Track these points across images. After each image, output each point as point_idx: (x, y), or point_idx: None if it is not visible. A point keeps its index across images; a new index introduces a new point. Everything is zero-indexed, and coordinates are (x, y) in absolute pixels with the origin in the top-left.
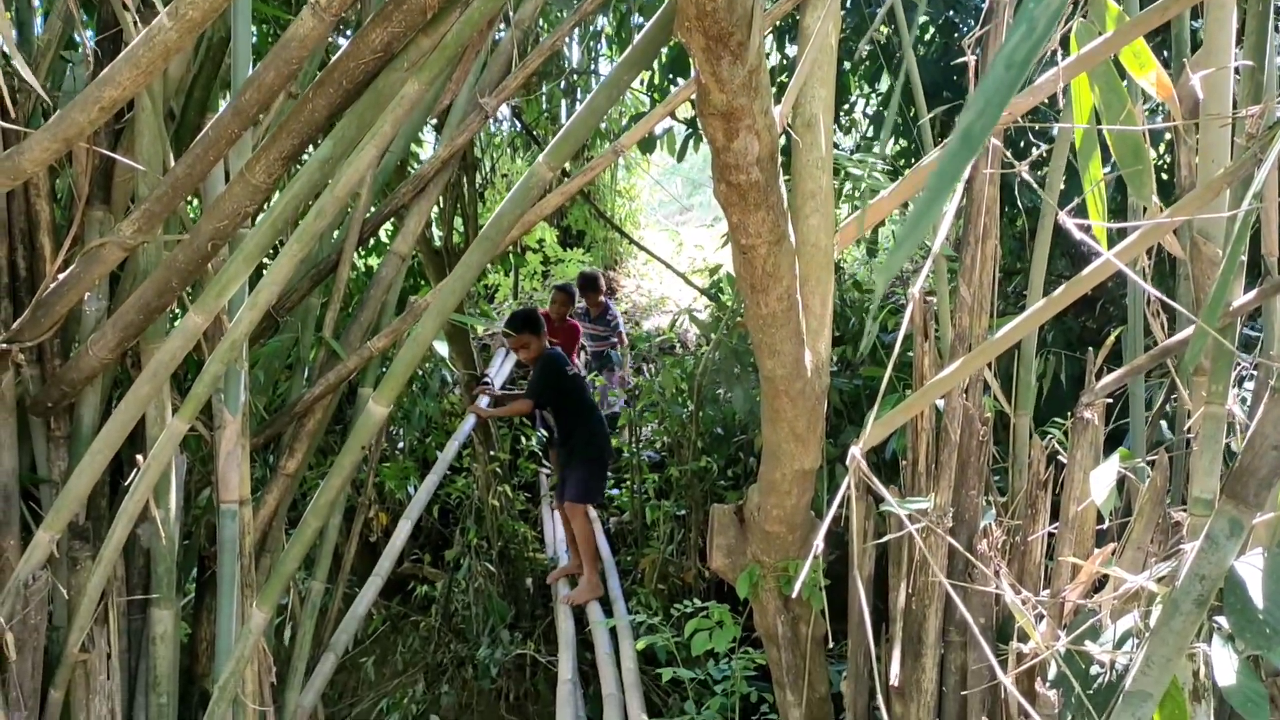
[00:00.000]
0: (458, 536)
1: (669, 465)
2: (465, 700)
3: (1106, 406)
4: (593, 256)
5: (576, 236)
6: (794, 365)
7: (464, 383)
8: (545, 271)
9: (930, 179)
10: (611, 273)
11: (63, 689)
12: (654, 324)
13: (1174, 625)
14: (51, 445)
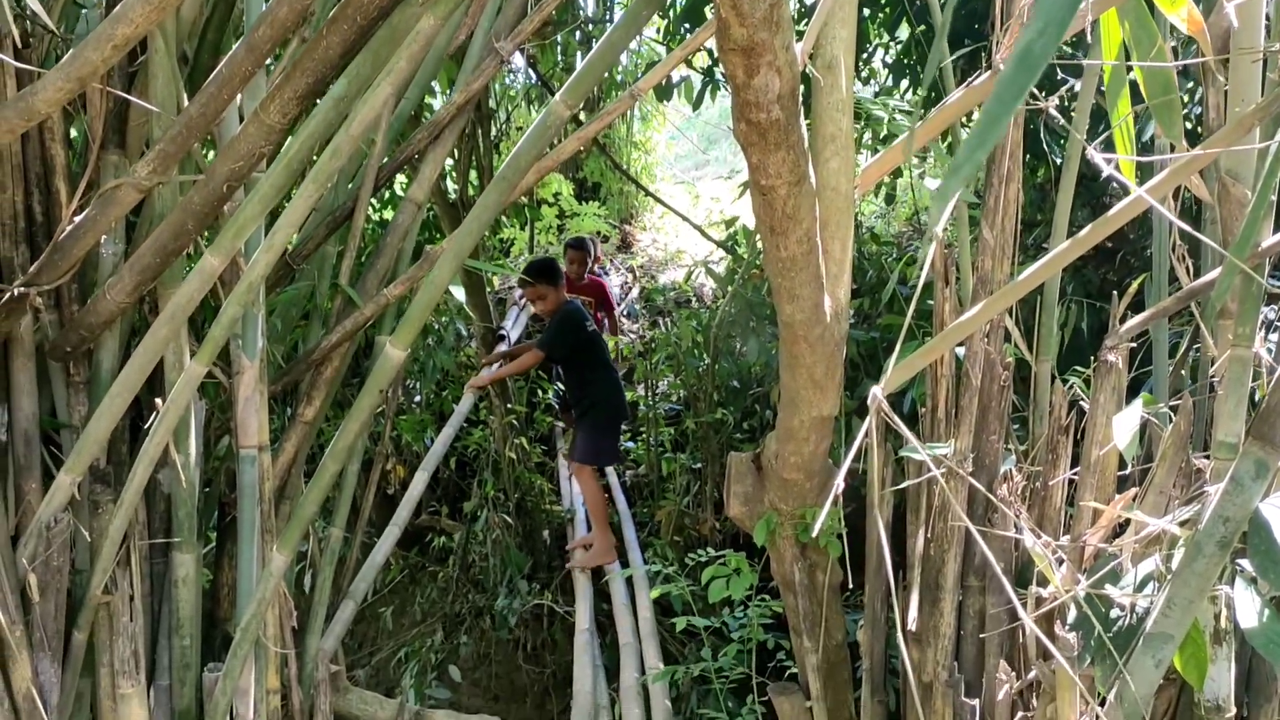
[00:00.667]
0: (475, 489)
1: (685, 418)
2: (483, 650)
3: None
4: (608, 209)
5: (592, 189)
6: (813, 310)
7: (480, 335)
8: (561, 225)
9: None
10: (627, 226)
11: (86, 630)
12: (670, 278)
13: (1196, 567)
14: (71, 390)
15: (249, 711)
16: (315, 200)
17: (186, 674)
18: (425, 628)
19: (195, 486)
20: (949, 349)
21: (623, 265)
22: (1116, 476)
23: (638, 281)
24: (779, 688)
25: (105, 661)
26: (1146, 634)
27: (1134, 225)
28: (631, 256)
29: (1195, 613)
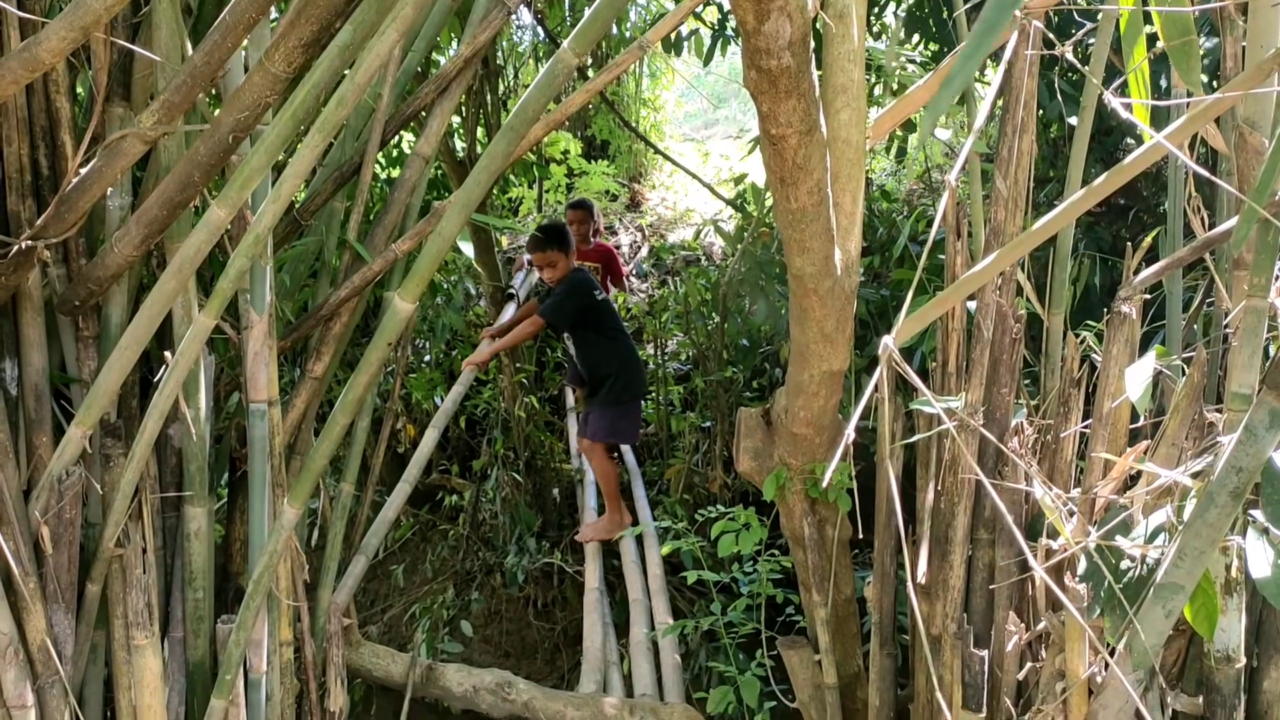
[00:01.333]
0: (484, 447)
1: (694, 376)
2: (494, 607)
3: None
4: (617, 168)
5: (601, 148)
6: (823, 263)
7: (489, 294)
8: (570, 184)
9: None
10: (636, 185)
11: (100, 583)
12: (679, 236)
13: (1208, 518)
14: (81, 345)
15: (262, 663)
16: (322, 151)
17: (200, 626)
18: (436, 585)
19: (206, 441)
20: (960, 301)
21: (632, 224)
22: (1129, 429)
23: (647, 240)
24: (788, 641)
25: (119, 614)
26: (1157, 584)
27: (1148, 182)
28: (641, 215)
29: (1206, 563)
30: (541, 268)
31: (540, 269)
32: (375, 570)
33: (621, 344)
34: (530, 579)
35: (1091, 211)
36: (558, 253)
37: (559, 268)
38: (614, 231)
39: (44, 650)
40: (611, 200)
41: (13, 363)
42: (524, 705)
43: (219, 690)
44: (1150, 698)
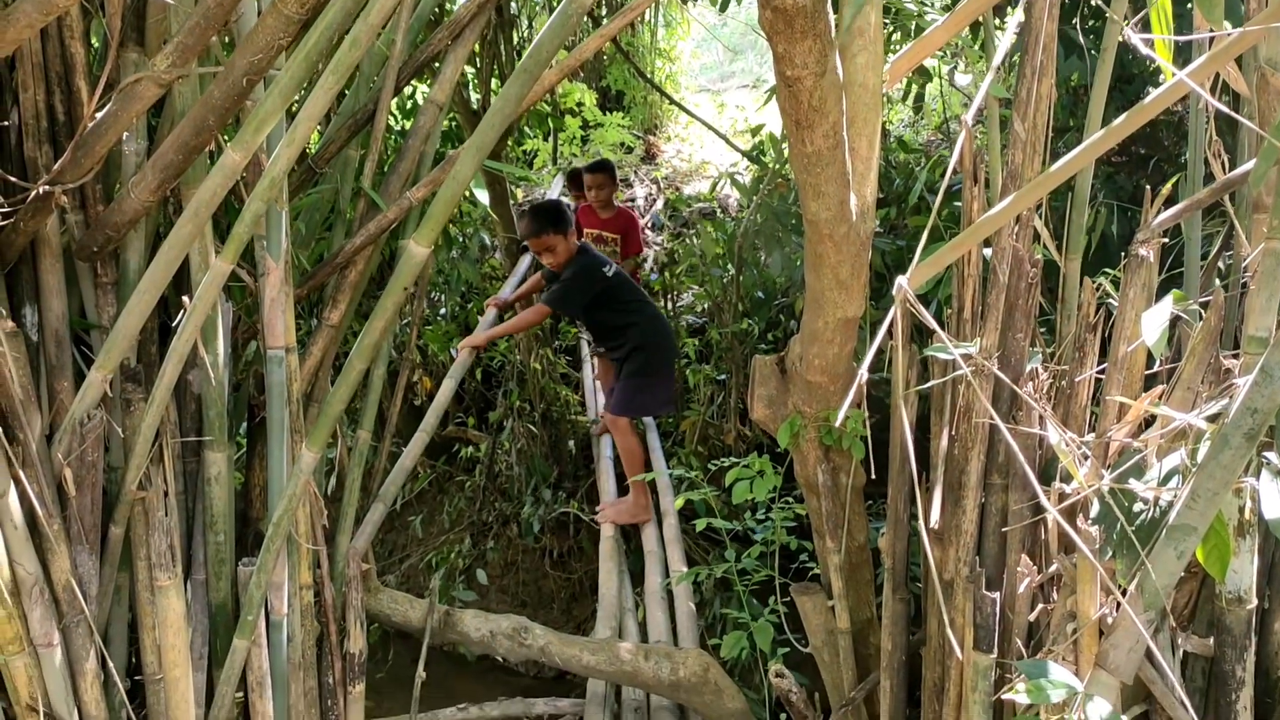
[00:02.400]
0: (500, 399)
1: (709, 329)
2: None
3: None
4: (632, 120)
5: (616, 99)
6: (838, 208)
7: (504, 247)
8: (585, 136)
9: None
10: (651, 137)
11: (123, 525)
12: (695, 189)
13: (1222, 459)
14: (99, 291)
15: (283, 605)
16: (336, 93)
17: (222, 569)
18: (453, 535)
19: (224, 387)
20: (975, 245)
21: (647, 177)
22: (1144, 375)
23: (662, 193)
24: (801, 587)
25: (142, 555)
26: (1170, 526)
27: (1170, 132)
28: (656, 168)
29: (1219, 505)
30: (539, 253)
31: (538, 254)
32: (394, 521)
33: (642, 315)
34: (546, 529)
35: (1112, 161)
36: (555, 235)
37: (559, 251)
38: (629, 184)
39: (69, 590)
40: (627, 153)
41: (33, 309)
42: (540, 650)
43: (241, 631)
44: (1161, 638)
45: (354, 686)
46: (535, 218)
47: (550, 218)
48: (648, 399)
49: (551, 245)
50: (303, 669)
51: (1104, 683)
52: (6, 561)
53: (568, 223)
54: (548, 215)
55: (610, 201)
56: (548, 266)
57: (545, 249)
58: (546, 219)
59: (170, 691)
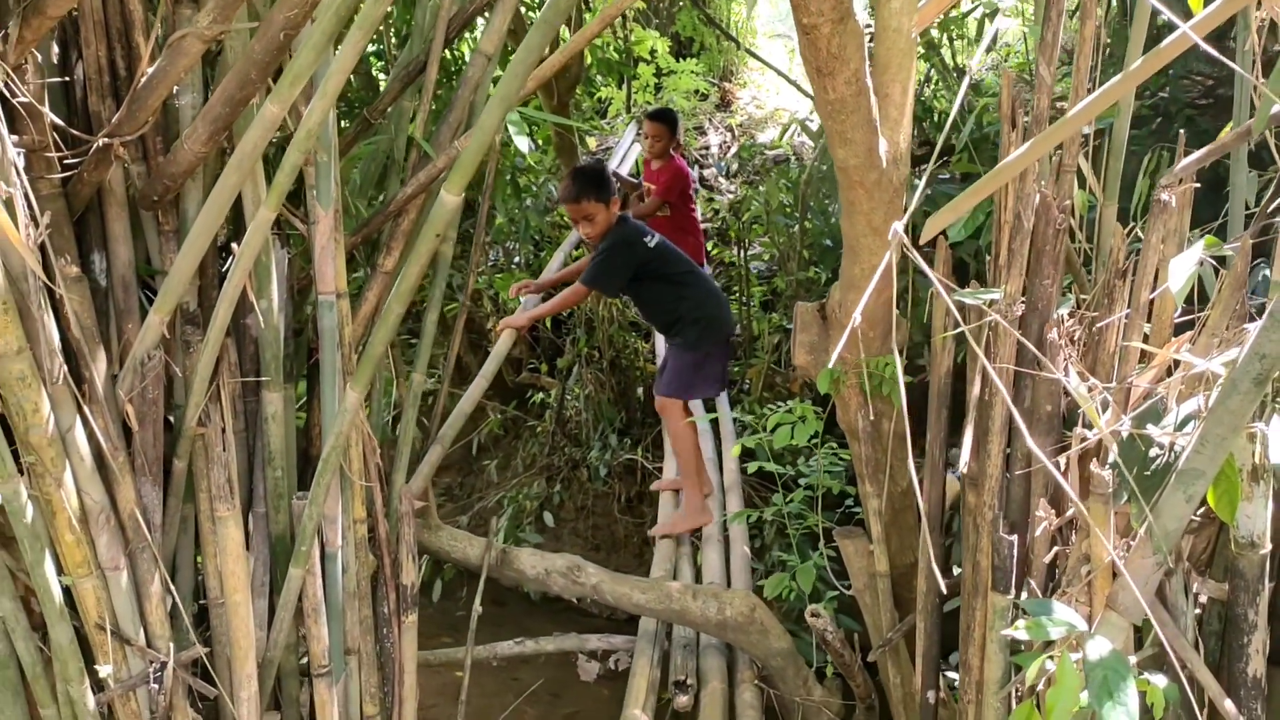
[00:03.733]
0: (569, 346)
1: (777, 277)
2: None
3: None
4: (706, 66)
5: (690, 46)
6: (867, 155)
7: None
8: (658, 84)
9: None
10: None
11: (185, 460)
12: (769, 136)
13: (1230, 404)
14: (162, 239)
15: (338, 538)
16: (363, 48)
17: (280, 503)
18: (525, 479)
19: (279, 330)
20: (1000, 190)
21: (721, 124)
22: (1174, 323)
23: (736, 140)
24: (844, 531)
25: (204, 488)
26: (1179, 470)
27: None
28: (730, 115)
29: (1228, 449)
30: (576, 222)
31: (575, 223)
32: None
33: (694, 286)
34: (615, 475)
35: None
36: (594, 203)
37: (598, 221)
38: (703, 132)
39: (133, 519)
40: (701, 100)
41: (101, 255)
42: (593, 588)
43: (296, 560)
44: (1175, 582)
45: (407, 616)
46: (574, 181)
47: (591, 181)
48: (699, 380)
49: (590, 214)
50: (357, 598)
51: (1113, 623)
52: (75, 491)
53: (609, 190)
54: (588, 179)
55: (665, 154)
56: (585, 238)
57: (583, 217)
58: (586, 183)
59: (232, 615)
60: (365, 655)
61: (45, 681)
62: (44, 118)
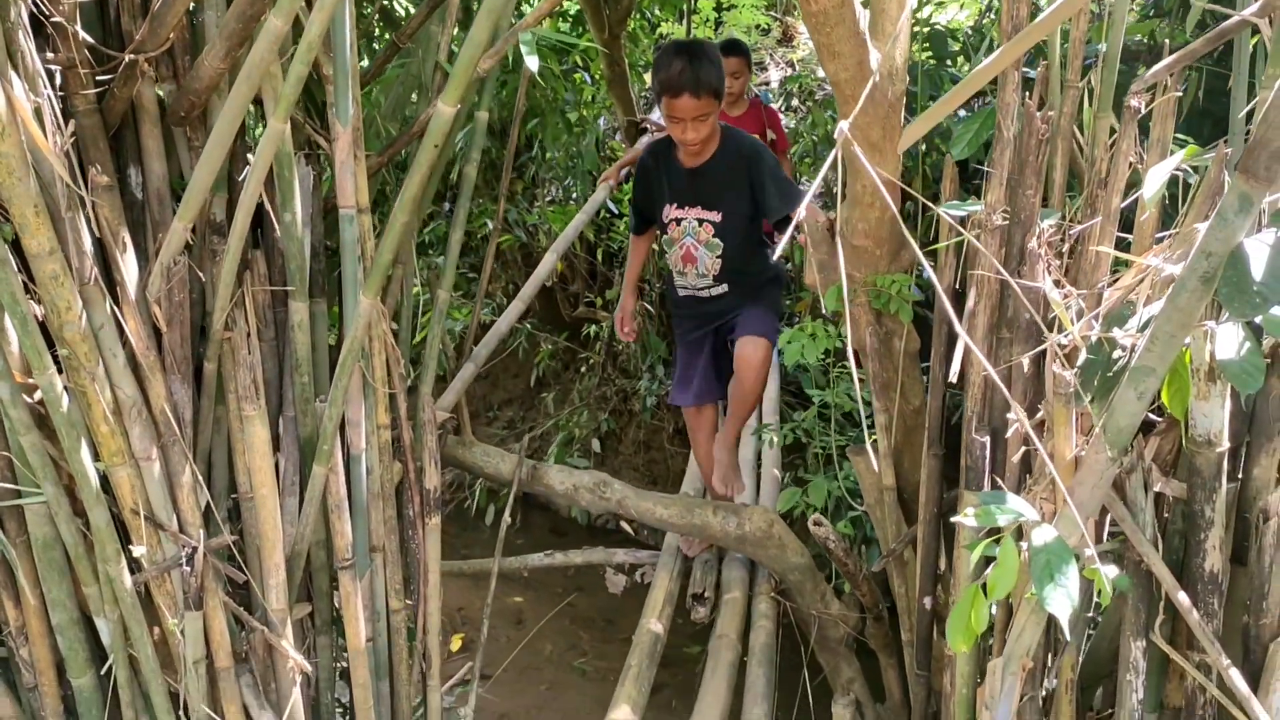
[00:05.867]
0: (618, 278)
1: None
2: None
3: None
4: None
5: None
6: (856, 68)
7: (624, 129)
8: (718, 19)
9: None
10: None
11: (214, 362)
12: None
13: (1179, 302)
14: (192, 154)
15: (361, 441)
16: None
17: (306, 407)
18: (577, 409)
19: (303, 244)
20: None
21: (783, 60)
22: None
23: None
24: (856, 449)
25: (232, 389)
26: (1131, 368)
27: None
28: (792, 50)
29: (1178, 347)
30: (679, 120)
31: (676, 121)
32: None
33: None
34: (663, 406)
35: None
36: (716, 100)
37: (711, 125)
38: (764, 68)
39: (164, 414)
40: (763, 34)
41: (137, 170)
42: (617, 503)
43: (319, 459)
44: (1134, 479)
45: (430, 519)
46: (698, 63)
47: (717, 71)
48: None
49: (708, 114)
50: (381, 499)
51: (1069, 518)
52: (108, 385)
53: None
54: (715, 67)
55: (743, 94)
56: (684, 146)
57: (699, 116)
58: (714, 71)
59: (259, 508)
60: (390, 554)
61: (87, 562)
62: (76, 36)
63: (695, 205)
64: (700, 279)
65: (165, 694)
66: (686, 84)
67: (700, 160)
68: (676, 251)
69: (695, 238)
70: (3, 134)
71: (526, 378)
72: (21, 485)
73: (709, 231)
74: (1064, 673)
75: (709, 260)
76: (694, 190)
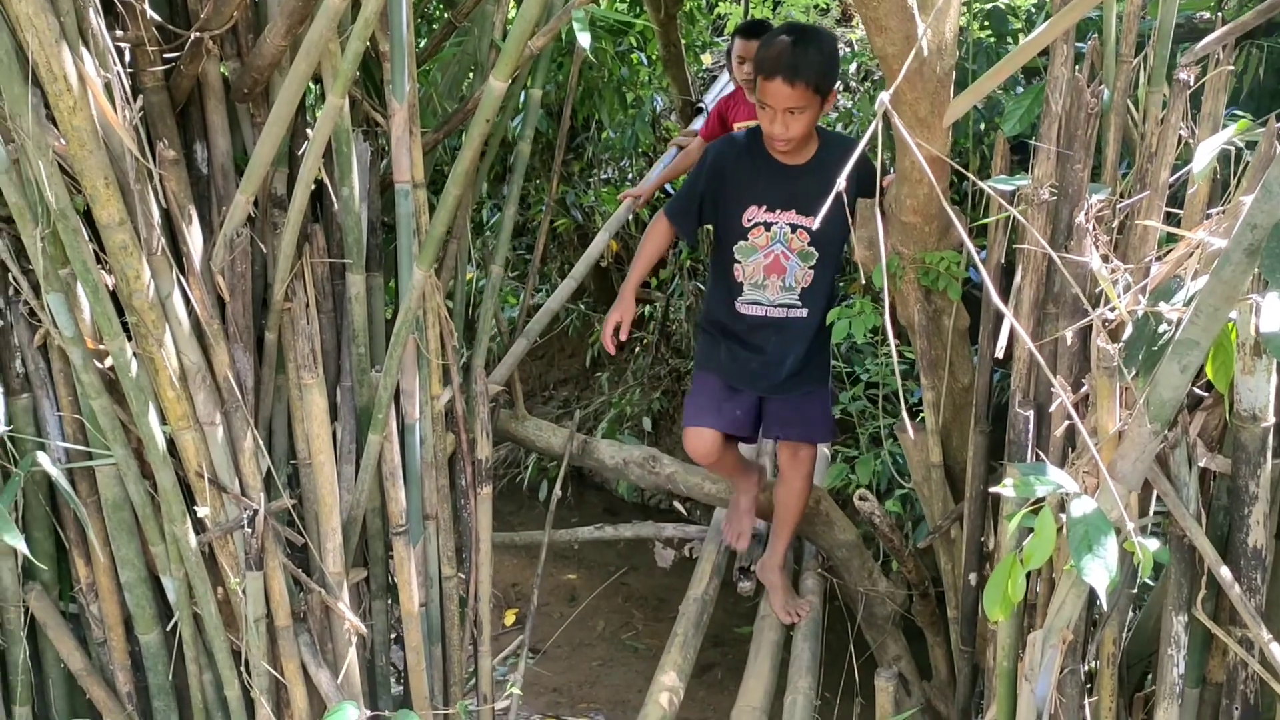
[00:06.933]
0: (671, 258)
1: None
2: None
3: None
4: None
5: None
6: (904, 42)
7: (679, 109)
8: (777, 0)
9: None
10: None
11: (275, 331)
12: None
13: (1223, 275)
14: (255, 130)
15: (415, 411)
16: None
17: (363, 377)
18: (630, 388)
19: (360, 217)
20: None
21: (842, 39)
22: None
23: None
24: (903, 426)
25: (291, 358)
26: (1175, 342)
27: None
28: (851, 29)
29: (1222, 320)
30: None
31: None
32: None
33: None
34: None
35: None
36: (817, 94)
37: (809, 120)
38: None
39: (227, 381)
40: (821, 14)
41: (202, 145)
42: (667, 478)
43: (373, 427)
44: (1178, 454)
45: (482, 488)
46: (807, 48)
47: (831, 60)
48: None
49: (808, 105)
50: (435, 468)
51: (1110, 490)
52: (175, 352)
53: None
54: (829, 54)
55: None
56: (773, 143)
57: (795, 108)
58: (827, 60)
59: (317, 474)
60: (443, 521)
61: (154, 523)
62: (144, 14)
63: (790, 209)
64: (785, 293)
65: (228, 650)
66: (784, 66)
67: (800, 160)
68: (759, 259)
69: (787, 245)
70: (75, 108)
71: (581, 358)
72: (92, 448)
73: (804, 239)
74: (1105, 646)
75: (800, 272)
76: (791, 192)
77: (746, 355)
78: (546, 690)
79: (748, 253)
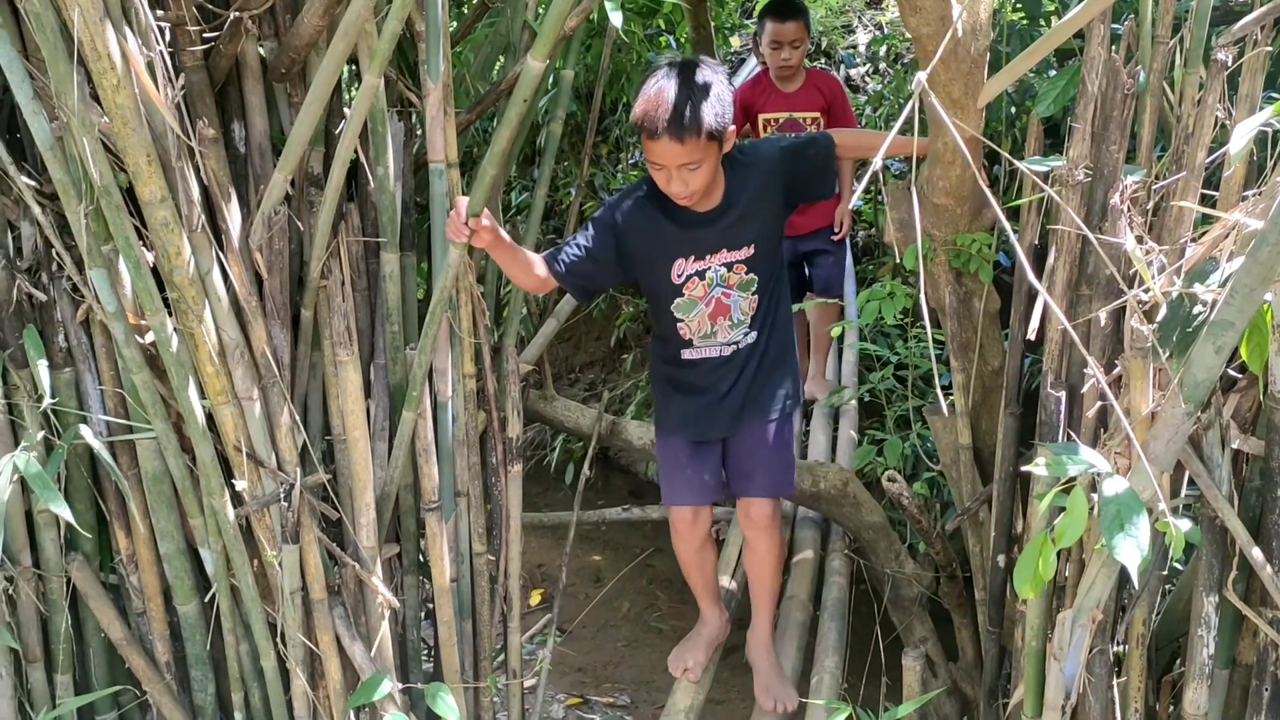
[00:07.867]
0: None
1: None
2: None
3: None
4: None
5: None
6: (938, 23)
7: None
8: None
9: None
10: None
11: (311, 309)
12: None
13: (1259, 256)
14: (292, 110)
15: (448, 389)
16: None
17: (397, 355)
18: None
19: (395, 197)
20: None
21: (871, 22)
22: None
23: (887, 39)
24: (932, 408)
25: (327, 335)
26: (1210, 322)
27: None
28: (881, 11)
29: (1258, 301)
30: (781, 45)
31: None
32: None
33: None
34: None
35: None
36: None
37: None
38: (851, 30)
39: (265, 356)
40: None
41: (240, 124)
42: None
43: (408, 404)
44: (1211, 435)
45: (513, 466)
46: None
47: (802, 13)
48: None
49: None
50: (466, 445)
51: (1142, 471)
52: (214, 328)
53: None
54: (797, 12)
55: (801, 66)
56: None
57: (689, 164)
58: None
59: (352, 449)
60: (474, 499)
61: (193, 496)
62: None
63: (719, 250)
64: (735, 329)
65: (264, 622)
66: (669, 123)
67: (714, 202)
68: (701, 311)
69: (725, 285)
70: (119, 86)
71: (608, 340)
72: (133, 421)
73: (740, 271)
74: (1135, 627)
75: (745, 303)
76: (716, 232)
77: (701, 402)
78: (571, 670)
79: (688, 309)
